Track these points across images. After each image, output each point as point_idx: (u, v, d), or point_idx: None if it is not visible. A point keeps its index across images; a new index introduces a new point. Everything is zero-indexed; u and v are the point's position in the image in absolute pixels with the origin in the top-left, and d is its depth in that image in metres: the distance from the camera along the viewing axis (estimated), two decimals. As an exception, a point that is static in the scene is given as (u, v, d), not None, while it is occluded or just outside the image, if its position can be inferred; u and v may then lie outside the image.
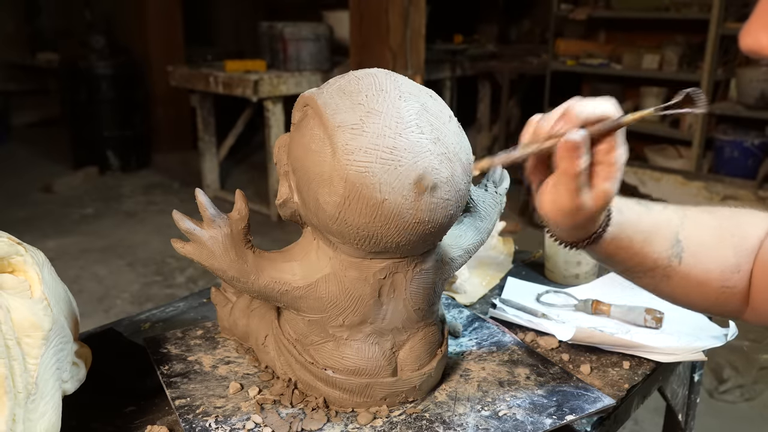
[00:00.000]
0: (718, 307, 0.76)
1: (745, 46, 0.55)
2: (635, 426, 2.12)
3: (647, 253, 0.72)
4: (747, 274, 0.74)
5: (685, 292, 0.75)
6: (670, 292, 0.76)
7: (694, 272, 0.73)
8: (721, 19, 3.75)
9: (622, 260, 0.73)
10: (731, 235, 0.75)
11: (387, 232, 0.64)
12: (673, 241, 0.73)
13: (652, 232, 0.72)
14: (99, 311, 2.88)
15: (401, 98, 0.65)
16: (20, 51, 6.57)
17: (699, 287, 0.74)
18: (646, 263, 0.73)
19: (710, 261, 0.74)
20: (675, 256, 0.73)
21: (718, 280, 0.74)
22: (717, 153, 3.99)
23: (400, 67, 3.37)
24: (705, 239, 0.75)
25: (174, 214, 0.73)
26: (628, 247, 0.71)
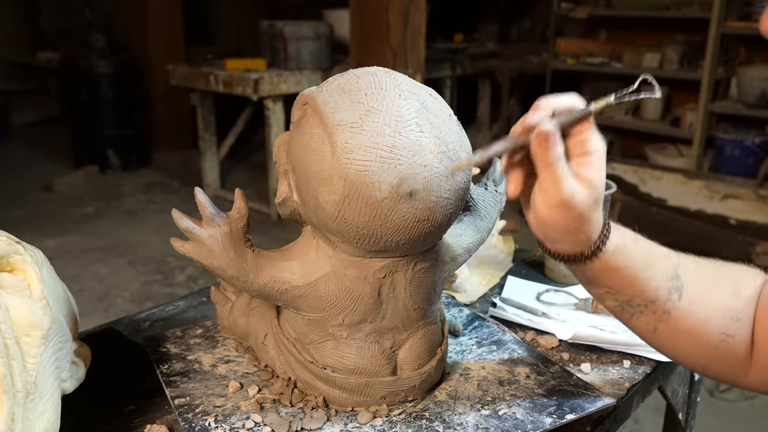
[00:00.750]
0: (720, 360, 0.70)
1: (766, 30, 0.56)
2: (635, 425, 2.12)
3: (648, 280, 0.68)
4: (747, 325, 0.69)
5: (683, 337, 0.69)
6: (670, 335, 0.70)
7: (695, 311, 0.69)
8: (722, 17, 3.75)
9: (622, 286, 0.68)
10: (729, 280, 0.71)
11: (386, 231, 0.64)
12: (673, 275, 0.69)
13: (652, 259, 0.69)
14: (99, 310, 2.88)
15: (401, 97, 0.65)
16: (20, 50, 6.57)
17: (700, 331, 0.69)
18: (647, 292, 0.68)
19: (710, 303, 0.69)
20: (675, 290, 0.68)
21: (719, 325, 0.69)
22: (717, 152, 3.99)
23: (401, 65, 3.37)
24: (703, 280, 0.71)
25: (173, 213, 0.73)
26: (628, 268, 0.67)
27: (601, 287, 0.69)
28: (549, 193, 0.62)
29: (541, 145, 0.61)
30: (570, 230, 0.64)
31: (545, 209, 0.63)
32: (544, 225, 0.65)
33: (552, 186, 0.62)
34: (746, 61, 3.98)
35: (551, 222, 0.64)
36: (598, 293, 0.70)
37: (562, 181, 0.61)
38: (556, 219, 0.63)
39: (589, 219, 0.64)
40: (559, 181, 0.61)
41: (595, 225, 0.65)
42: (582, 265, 0.67)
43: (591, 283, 0.70)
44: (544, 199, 0.63)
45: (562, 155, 0.62)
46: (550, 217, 0.63)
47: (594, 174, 0.62)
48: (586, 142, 0.62)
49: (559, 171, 0.61)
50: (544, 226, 0.65)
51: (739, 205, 3.43)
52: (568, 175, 0.62)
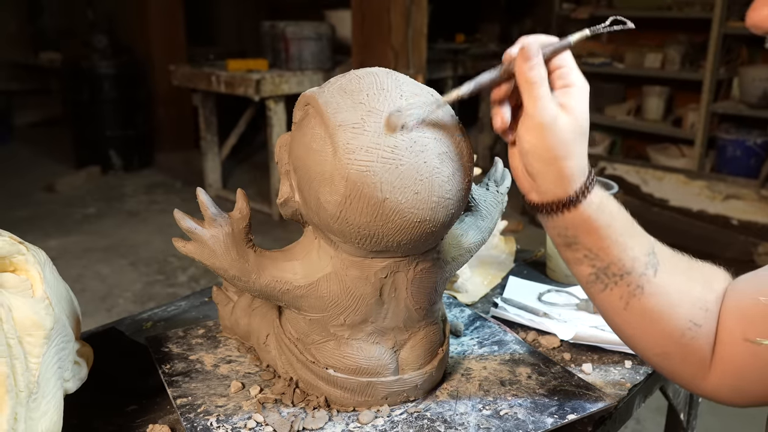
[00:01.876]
0: (682, 352, 0.68)
1: (750, 21, 0.56)
2: (637, 425, 2.12)
3: (626, 248, 0.66)
4: (714, 319, 0.68)
5: (653, 318, 0.67)
6: (639, 314, 0.68)
7: (667, 291, 0.67)
8: (724, 18, 3.74)
9: (601, 249, 0.66)
10: (701, 272, 0.70)
11: (388, 231, 0.64)
12: (650, 251, 0.68)
13: (632, 228, 0.68)
14: (101, 310, 2.89)
15: (402, 97, 0.65)
16: (23, 50, 6.57)
17: (668, 312, 0.67)
18: (624, 261, 0.66)
19: (682, 287, 0.68)
20: (651, 265, 0.67)
21: (688, 312, 0.67)
22: (719, 152, 3.98)
23: (402, 66, 3.37)
24: (678, 265, 0.70)
25: (175, 213, 0.73)
26: (610, 229, 0.66)
27: (580, 249, 0.67)
28: (533, 116, 0.62)
29: (525, 61, 0.62)
30: (553, 160, 0.63)
31: (529, 134, 0.63)
32: (528, 154, 0.64)
33: (535, 107, 0.62)
34: (748, 61, 3.97)
35: (534, 148, 0.63)
36: (575, 257, 0.68)
37: (545, 102, 0.62)
38: (539, 144, 0.63)
39: (573, 151, 0.63)
40: (542, 101, 0.62)
41: (579, 163, 0.64)
42: (565, 213, 0.66)
43: (569, 244, 0.68)
44: (527, 124, 0.63)
45: (545, 78, 0.62)
46: (533, 142, 0.63)
47: (576, 103, 0.63)
48: (568, 75, 0.64)
49: (542, 91, 0.62)
50: (527, 156, 0.64)
51: (741, 205, 3.43)
52: (550, 98, 0.62)
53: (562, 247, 0.69)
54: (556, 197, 0.66)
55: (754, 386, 0.67)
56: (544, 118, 0.62)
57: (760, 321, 0.64)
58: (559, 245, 0.70)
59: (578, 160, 0.64)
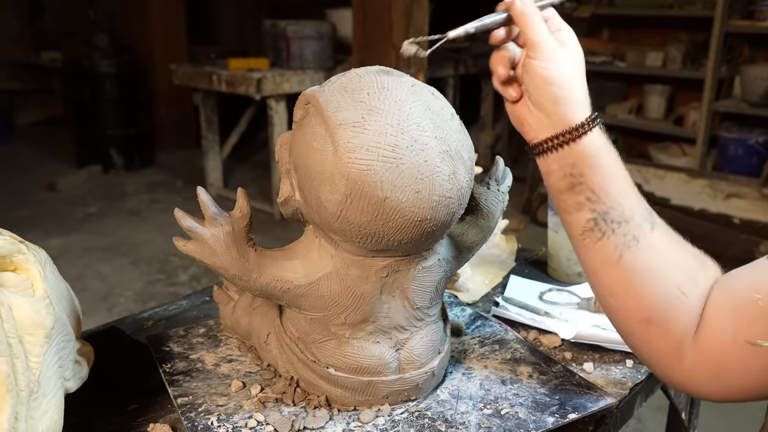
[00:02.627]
0: (664, 324, 0.66)
1: None
2: (638, 424, 2.12)
3: (628, 193, 0.67)
4: (700, 295, 0.66)
5: (642, 276, 0.66)
6: (631, 269, 0.66)
7: (661, 250, 0.66)
8: (725, 16, 3.74)
9: (603, 190, 0.66)
10: (693, 250, 0.70)
11: (388, 230, 0.64)
12: (647, 207, 0.68)
13: (631, 182, 0.68)
14: (102, 309, 2.89)
15: (403, 96, 0.65)
16: (24, 50, 6.57)
17: (659, 273, 0.66)
18: (624, 207, 0.66)
19: (676, 250, 0.67)
20: (649, 221, 0.67)
21: (678, 275, 0.66)
22: (721, 151, 3.97)
23: (403, 65, 3.36)
24: (671, 232, 0.69)
25: (176, 212, 0.73)
26: (613, 168, 0.67)
27: (583, 191, 0.67)
28: (541, 42, 0.67)
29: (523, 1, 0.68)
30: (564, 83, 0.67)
31: (539, 59, 0.67)
32: (540, 80, 0.68)
33: (542, 36, 0.67)
34: (750, 59, 3.97)
35: (547, 71, 0.67)
36: (576, 201, 0.68)
37: (545, 33, 0.68)
38: (551, 67, 0.67)
39: (578, 78, 0.68)
40: (541, 32, 0.68)
41: (582, 93, 0.68)
42: (576, 143, 0.67)
43: (573, 185, 0.68)
44: (536, 51, 0.68)
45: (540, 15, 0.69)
46: (545, 65, 0.67)
47: (571, 40, 0.70)
48: (555, 23, 0.71)
49: (543, 26, 0.68)
50: (539, 83, 0.68)
51: (742, 204, 3.42)
52: (548, 32, 0.68)
53: (565, 192, 0.69)
54: (566, 124, 0.68)
55: (739, 380, 0.65)
56: (550, 42, 0.67)
57: (761, 321, 0.62)
58: (562, 191, 0.69)
59: (583, 89, 0.69)
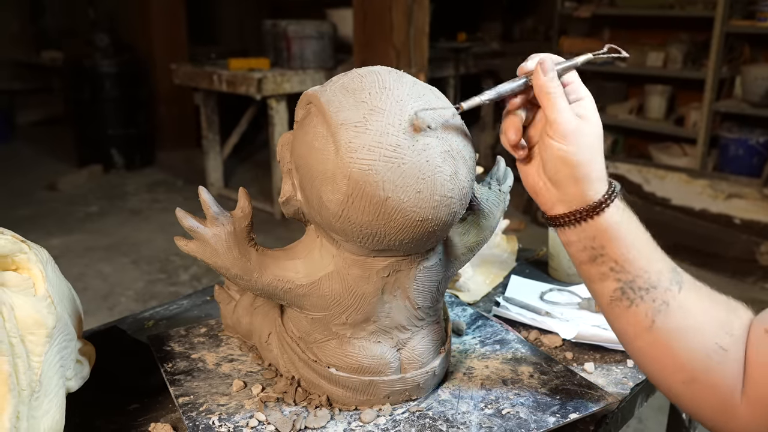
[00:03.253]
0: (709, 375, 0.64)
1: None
2: (639, 424, 2.12)
3: (651, 261, 0.65)
4: (739, 346, 0.64)
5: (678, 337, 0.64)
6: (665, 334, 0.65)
7: (693, 308, 0.65)
8: (726, 16, 3.73)
9: (626, 261, 0.65)
10: (723, 298, 0.68)
11: (390, 230, 0.64)
12: (672, 267, 0.66)
13: (654, 244, 0.67)
14: (103, 309, 2.89)
15: (404, 96, 0.65)
16: (25, 49, 6.57)
17: (695, 331, 0.64)
18: (650, 274, 0.65)
19: (707, 305, 0.66)
20: (676, 282, 0.65)
21: (713, 331, 0.64)
22: (722, 151, 3.97)
23: (404, 65, 3.36)
24: (699, 286, 0.67)
25: (177, 212, 0.73)
26: (635, 239, 0.65)
27: (606, 262, 0.66)
28: (559, 122, 0.65)
29: (545, 74, 0.66)
30: (580, 164, 0.65)
31: (556, 139, 0.65)
32: (555, 160, 0.66)
33: (560, 115, 0.65)
34: (750, 60, 3.96)
35: (563, 153, 0.65)
36: (600, 272, 0.67)
37: (568, 110, 0.65)
38: (567, 149, 0.65)
39: (596, 157, 0.66)
40: (565, 109, 0.65)
41: (600, 169, 0.66)
42: (593, 219, 0.65)
43: (596, 256, 0.66)
44: (554, 130, 0.65)
45: (563, 91, 0.66)
46: (561, 147, 0.65)
47: (592, 113, 0.67)
48: (578, 90, 0.68)
49: (563, 101, 0.65)
50: (554, 163, 0.66)
51: (743, 204, 3.42)
52: (569, 108, 0.66)
53: (587, 263, 0.68)
54: (584, 202, 0.66)
55: None
56: (570, 123, 0.65)
57: None
58: (584, 261, 0.68)
59: (601, 166, 0.67)
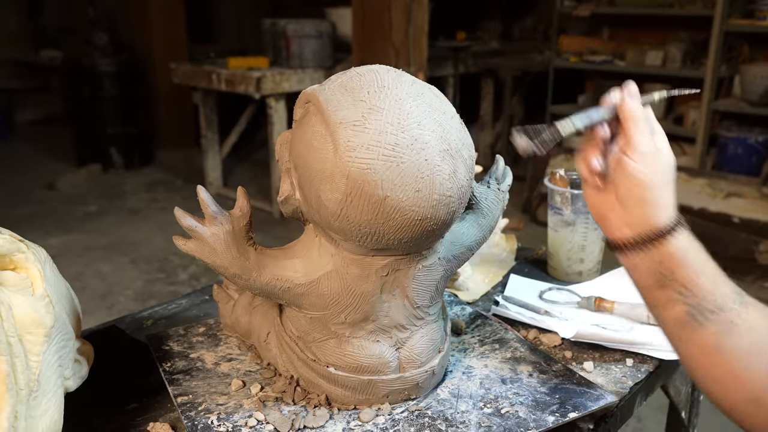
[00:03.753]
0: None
1: None
2: (638, 424, 2.12)
3: (716, 283, 0.65)
4: None
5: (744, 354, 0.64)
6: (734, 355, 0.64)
7: (758, 328, 0.65)
8: (725, 15, 3.74)
9: (694, 285, 0.65)
10: None
11: (389, 229, 0.64)
12: (737, 290, 0.66)
13: (719, 270, 0.67)
14: (102, 308, 2.89)
15: (403, 95, 0.65)
16: (24, 48, 6.57)
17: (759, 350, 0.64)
18: (716, 296, 0.65)
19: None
20: (741, 302, 0.65)
21: None
22: (721, 150, 3.98)
23: (403, 64, 3.36)
24: (763, 307, 0.67)
25: (176, 211, 0.73)
26: (702, 262, 0.66)
27: (674, 286, 0.66)
28: (641, 144, 0.68)
29: (633, 98, 0.70)
30: (655, 187, 0.67)
31: (635, 160, 0.67)
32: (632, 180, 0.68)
33: (643, 138, 0.68)
34: (749, 59, 3.97)
35: (641, 174, 0.67)
36: (668, 297, 0.66)
37: (648, 134, 0.68)
38: (645, 170, 0.67)
39: (669, 183, 0.69)
40: (645, 133, 0.68)
41: (671, 197, 0.69)
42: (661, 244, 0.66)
43: (663, 283, 0.66)
44: (635, 151, 0.68)
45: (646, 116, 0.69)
46: (639, 168, 0.67)
47: (666, 147, 0.70)
48: (651, 123, 0.71)
49: (645, 126, 0.69)
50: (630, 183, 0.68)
51: (742, 203, 3.42)
52: (651, 139, 0.69)
53: (654, 289, 0.67)
54: (652, 226, 0.67)
55: None
56: (650, 146, 0.68)
57: None
58: (650, 287, 0.68)
59: (672, 195, 0.69)
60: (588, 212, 1.11)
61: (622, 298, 1.05)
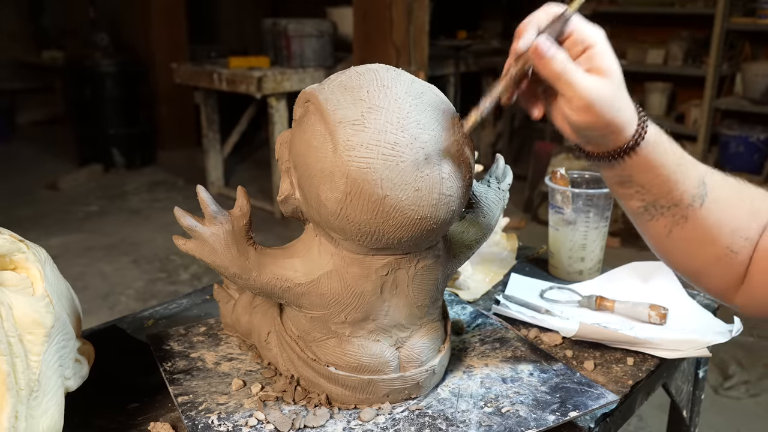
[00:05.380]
0: (716, 273, 0.74)
1: None
2: (639, 422, 2.12)
3: (677, 182, 0.69)
4: (752, 245, 0.72)
5: (692, 244, 0.72)
6: (680, 240, 0.72)
7: (710, 221, 0.71)
8: (727, 13, 3.73)
9: (653, 185, 0.69)
10: (750, 201, 0.74)
11: (388, 229, 0.64)
12: (700, 182, 0.70)
13: (684, 161, 0.70)
14: (104, 308, 2.89)
15: (403, 94, 0.64)
16: (25, 49, 6.58)
17: (708, 241, 0.72)
18: (673, 195, 0.69)
19: (726, 214, 0.71)
20: (699, 197, 0.70)
21: (727, 238, 0.71)
22: (722, 148, 3.97)
23: (404, 63, 3.36)
24: (726, 192, 0.73)
25: (175, 211, 0.73)
26: (663, 166, 0.68)
27: (633, 186, 0.70)
28: (573, 99, 0.63)
29: (542, 59, 0.62)
30: (606, 125, 0.65)
31: (576, 116, 0.65)
32: (582, 130, 0.66)
33: (572, 91, 0.63)
34: (751, 57, 3.97)
35: (587, 125, 0.65)
36: (627, 193, 0.71)
37: (579, 82, 0.62)
38: (589, 121, 0.64)
39: (620, 105, 0.65)
40: (576, 84, 0.62)
41: (628, 112, 0.66)
42: (623, 160, 0.68)
43: (623, 182, 0.71)
44: (570, 108, 0.64)
45: (568, 58, 0.63)
46: (584, 121, 0.65)
47: (605, 62, 0.64)
48: (583, 39, 0.64)
49: (572, 75, 0.62)
50: (583, 131, 0.67)
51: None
52: (582, 75, 0.63)
53: (615, 185, 0.73)
54: (614, 146, 0.68)
55: None
56: (587, 95, 0.62)
57: None
58: (611, 184, 0.73)
59: (627, 109, 0.66)
60: (589, 211, 1.11)
61: (623, 297, 1.05)
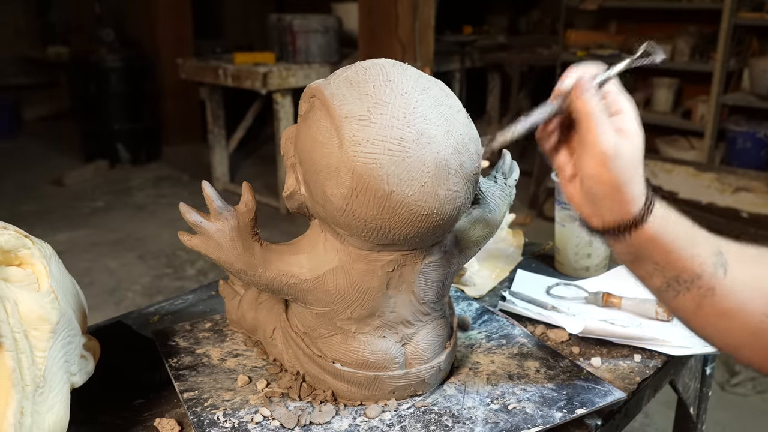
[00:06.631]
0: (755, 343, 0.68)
1: None
2: (646, 419, 2.11)
3: (692, 257, 0.66)
4: None
5: (727, 315, 0.67)
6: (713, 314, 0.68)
7: (738, 289, 0.67)
8: (734, 8, 3.71)
9: (669, 261, 0.66)
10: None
11: (394, 225, 0.63)
12: (716, 251, 0.67)
13: (695, 231, 0.67)
14: (110, 304, 2.90)
15: (409, 89, 0.64)
16: (31, 45, 6.59)
17: (741, 310, 0.67)
18: (693, 267, 0.66)
19: (752, 281, 0.67)
20: (720, 265, 0.67)
21: (760, 305, 0.66)
22: (729, 144, 3.95)
23: (410, 58, 3.35)
24: (746, 258, 0.69)
25: (181, 206, 0.73)
26: (676, 240, 0.66)
27: (648, 263, 0.67)
28: (595, 144, 0.62)
29: (583, 94, 0.63)
30: (616, 186, 0.63)
31: (592, 162, 0.63)
32: (591, 180, 0.64)
33: (597, 137, 0.62)
34: (758, 52, 3.94)
35: (598, 175, 0.63)
36: (645, 271, 0.68)
37: (606, 131, 0.62)
38: (602, 172, 0.63)
39: (634, 176, 0.64)
40: (603, 130, 0.62)
41: (639, 185, 0.65)
42: (630, 234, 0.66)
43: (637, 259, 0.68)
44: (590, 152, 0.63)
45: (603, 109, 0.63)
46: (597, 169, 0.63)
47: (632, 127, 0.64)
48: (617, 102, 0.65)
49: (602, 121, 0.62)
50: (590, 182, 0.65)
51: (751, 197, 3.40)
52: (610, 127, 0.63)
53: (630, 264, 0.69)
54: (619, 219, 0.66)
55: None
56: (607, 146, 0.62)
57: None
58: (627, 262, 0.69)
59: (638, 184, 0.65)
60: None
61: (629, 293, 1.05)
